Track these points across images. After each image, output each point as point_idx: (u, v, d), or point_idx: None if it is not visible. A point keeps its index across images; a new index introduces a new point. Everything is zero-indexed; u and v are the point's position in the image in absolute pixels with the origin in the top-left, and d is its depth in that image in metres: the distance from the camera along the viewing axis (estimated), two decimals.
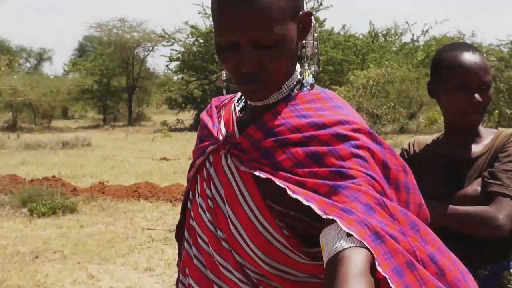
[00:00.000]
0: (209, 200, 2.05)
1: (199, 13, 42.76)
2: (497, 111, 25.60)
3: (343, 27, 45.69)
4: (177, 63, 46.34)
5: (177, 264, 2.36)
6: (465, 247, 2.73)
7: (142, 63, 50.78)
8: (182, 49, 45.73)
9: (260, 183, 1.95)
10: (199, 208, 2.09)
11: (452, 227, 2.80)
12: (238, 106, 2.15)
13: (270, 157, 1.95)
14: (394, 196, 1.94)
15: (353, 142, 1.93)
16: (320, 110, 1.99)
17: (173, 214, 13.92)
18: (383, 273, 1.71)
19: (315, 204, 1.82)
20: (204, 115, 2.22)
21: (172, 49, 46.23)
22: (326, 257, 1.78)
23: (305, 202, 1.84)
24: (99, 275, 9.33)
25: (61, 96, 46.95)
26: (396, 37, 47.07)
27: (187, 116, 45.74)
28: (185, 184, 10.03)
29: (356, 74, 35.66)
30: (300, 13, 1.97)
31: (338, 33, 44.89)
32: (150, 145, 30.66)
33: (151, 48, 51.11)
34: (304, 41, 2.02)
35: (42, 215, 13.32)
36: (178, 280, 2.31)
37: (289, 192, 1.87)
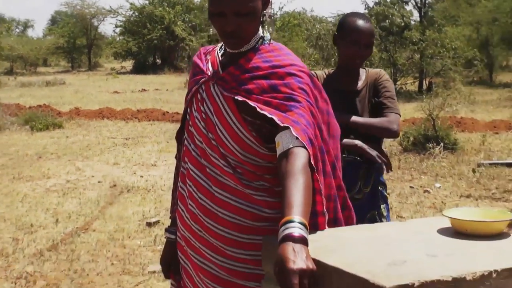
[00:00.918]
0: (202, 114, 2.05)
1: None
2: None
3: None
4: (120, 28, 45.37)
5: (175, 156, 2.34)
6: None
7: (96, 29, 49.44)
8: (124, 19, 44.89)
9: (237, 103, 1.97)
10: (196, 119, 2.08)
11: (362, 131, 2.87)
12: (220, 52, 2.14)
13: (245, 86, 1.97)
14: (321, 118, 2.02)
15: (299, 79, 1.97)
16: (277, 56, 2.02)
17: (126, 128, 13.80)
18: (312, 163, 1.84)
19: (276, 117, 1.88)
20: (195, 58, 2.19)
21: (117, 19, 45.51)
22: (280, 151, 1.86)
23: (269, 115, 1.89)
24: (83, 167, 9.26)
25: (43, 51, 46.04)
26: None
27: (128, 64, 44.71)
28: (132, 108, 10.16)
29: None
30: None
31: None
32: (105, 83, 29.80)
33: (102, 19, 49.88)
34: (264, 11, 2.02)
35: (39, 130, 13.05)
36: (177, 166, 2.30)
37: (258, 109, 1.91)
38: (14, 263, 5.12)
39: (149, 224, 6.19)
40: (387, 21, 21.07)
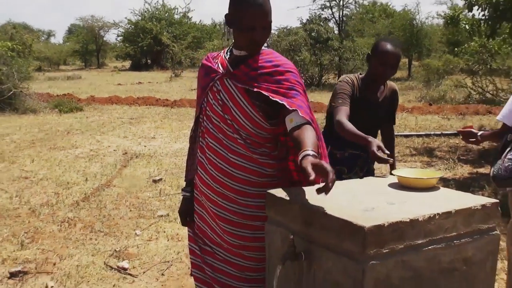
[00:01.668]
0: (219, 101, 1.99)
1: (131, 12, 41.42)
2: None
3: None
4: (121, 37, 43.99)
5: (191, 135, 2.24)
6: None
7: (103, 37, 47.83)
8: (123, 30, 43.48)
9: (248, 92, 1.93)
10: (213, 106, 2.01)
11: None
12: (226, 55, 2.07)
13: (254, 81, 1.92)
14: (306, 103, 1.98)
15: (294, 74, 1.94)
16: (275, 58, 1.97)
17: (130, 110, 13.41)
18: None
19: (285, 102, 1.86)
20: (205, 61, 2.11)
21: (118, 30, 44.96)
22: (293, 125, 1.83)
23: (280, 101, 1.86)
24: (101, 140, 8.98)
25: (63, 54, 44.54)
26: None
27: (127, 63, 43.33)
28: (133, 96, 10.02)
29: None
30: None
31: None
32: (111, 78, 28.82)
33: (107, 30, 48.41)
34: None
35: (66, 112, 12.57)
36: (196, 141, 2.19)
37: (270, 97, 1.88)
38: (58, 210, 4.98)
39: (154, 181, 6.10)
40: (316, 33, 21.03)
